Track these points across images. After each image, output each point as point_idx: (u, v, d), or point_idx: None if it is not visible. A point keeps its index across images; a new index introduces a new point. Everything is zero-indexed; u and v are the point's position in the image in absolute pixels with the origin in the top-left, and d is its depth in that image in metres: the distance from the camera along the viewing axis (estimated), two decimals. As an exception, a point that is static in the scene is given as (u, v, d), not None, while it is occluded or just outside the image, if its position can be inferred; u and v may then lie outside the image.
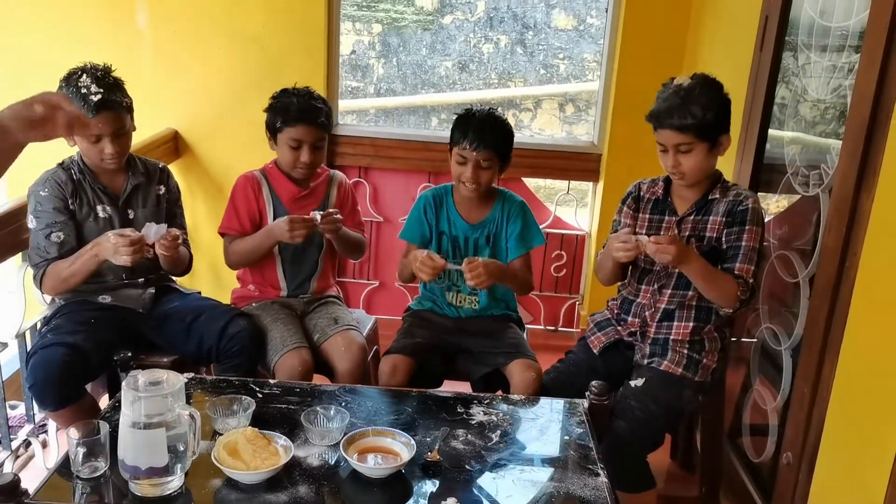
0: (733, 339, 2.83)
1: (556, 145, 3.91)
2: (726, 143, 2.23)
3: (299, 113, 2.55)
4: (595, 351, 2.47)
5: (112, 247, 2.24)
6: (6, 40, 3.63)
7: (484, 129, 2.46)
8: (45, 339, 2.30)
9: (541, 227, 3.80)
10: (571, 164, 3.79)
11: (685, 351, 2.33)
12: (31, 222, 2.38)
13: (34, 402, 2.35)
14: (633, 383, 2.31)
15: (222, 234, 2.69)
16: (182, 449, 1.71)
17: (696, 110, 2.15)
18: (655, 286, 2.39)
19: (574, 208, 3.92)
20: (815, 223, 2.29)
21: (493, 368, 2.50)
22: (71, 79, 2.32)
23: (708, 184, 2.31)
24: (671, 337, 2.35)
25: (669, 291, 2.35)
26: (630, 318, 2.44)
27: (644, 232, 2.40)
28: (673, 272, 2.34)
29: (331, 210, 2.55)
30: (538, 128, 5.83)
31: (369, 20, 4.97)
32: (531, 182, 4.03)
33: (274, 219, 2.63)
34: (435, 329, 2.61)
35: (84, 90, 2.27)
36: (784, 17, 2.59)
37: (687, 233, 2.32)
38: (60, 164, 2.44)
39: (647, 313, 2.40)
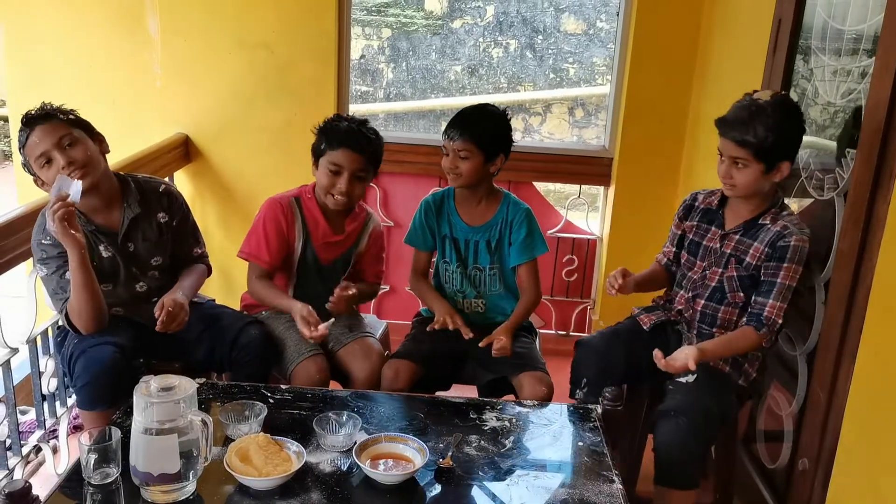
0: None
1: (567, 149, 3.91)
2: (785, 170, 2.18)
3: (345, 136, 2.45)
4: (645, 328, 2.45)
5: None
6: (22, 48, 3.65)
7: (462, 121, 2.49)
8: (87, 340, 2.25)
9: (552, 231, 3.84)
10: (583, 168, 3.78)
11: None
12: (41, 271, 2.30)
13: (79, 402, 2.27)
14: (683, 379, 2.26)
15: (246, 259, 2.59)
16: (194, 455, 1.70)
17: (760, 130, 2.11)
18: (690, 294, 2.39)
19: (585, 212, 3.91)
20: (830, 227, 2.27)
21: (500, 376, 2.49)
22: None
23: (762, 205, 2.27)
24: (715, 332, 2.33)
25: (703, 302, 2.35)
26: (676, 302, 2.45)
27: (690, 236, 2.43)
28: (708, 283, 2.34)
29: (340, 296, 2.47)
30: (548, 132, 5.82)
31: (379, 25, 4.97)
32: (541, 186, 4.02)
33: (302, 253, 2.57)
34: (443, 335, 2.58)
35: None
36: (797, 20, 2.57)
37: (728, 251, 2.30)
38: None
39: (685, 315, 2.41)
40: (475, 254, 2.62)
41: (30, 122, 2.24)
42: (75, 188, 2.14)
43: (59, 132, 2.22)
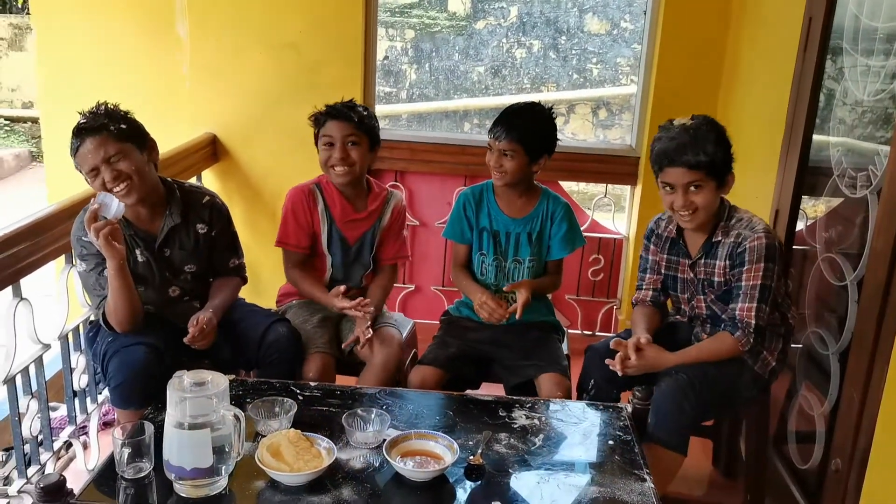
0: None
1: (593, 148, 3.89)
2: (731, 181, 2.26)
3: (330, 110, 2.60)
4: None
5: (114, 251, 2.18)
6: (53, 51, 3.70)
7: (509, 120, 2.51)
8: (120, 340, 2.27)
9: (579, 230, 3.82)
10: (609, 167, 3.77)
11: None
12: (80, 266, 2.33)
13: (113, 400, 2.28)
14: None
15: (279, 246, 2.71)
16: (227, 450, 1.71)
17: (709, 147, 2.17)
18: (686, 295, 2.42)
19: (611, 212, 3.89)
20: (863, 225, 2.25)
21: (526, 380, 2.49)
22: None
23: (712, 225, 2.31)
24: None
25: (710, 328, 2.38)
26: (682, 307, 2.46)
27: (664, 271, 2.46)
28: (701, 313, 2.39)
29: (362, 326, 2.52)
30: (571, 132, 5.80)
31: (402, 26, 4.98)
32: (567, 185, 4.01)
33: (328, 237, 2.65)
34: (470, 338, 2.60)
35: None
36: (828, 18, 2.55)
37: (701, 276, 2.35)
38: None
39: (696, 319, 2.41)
40: (516, 246, 2.64)
41: (81, 132, 2.21)
42: (117, 208, 2.15)
43: (108, 149, 2.20)
